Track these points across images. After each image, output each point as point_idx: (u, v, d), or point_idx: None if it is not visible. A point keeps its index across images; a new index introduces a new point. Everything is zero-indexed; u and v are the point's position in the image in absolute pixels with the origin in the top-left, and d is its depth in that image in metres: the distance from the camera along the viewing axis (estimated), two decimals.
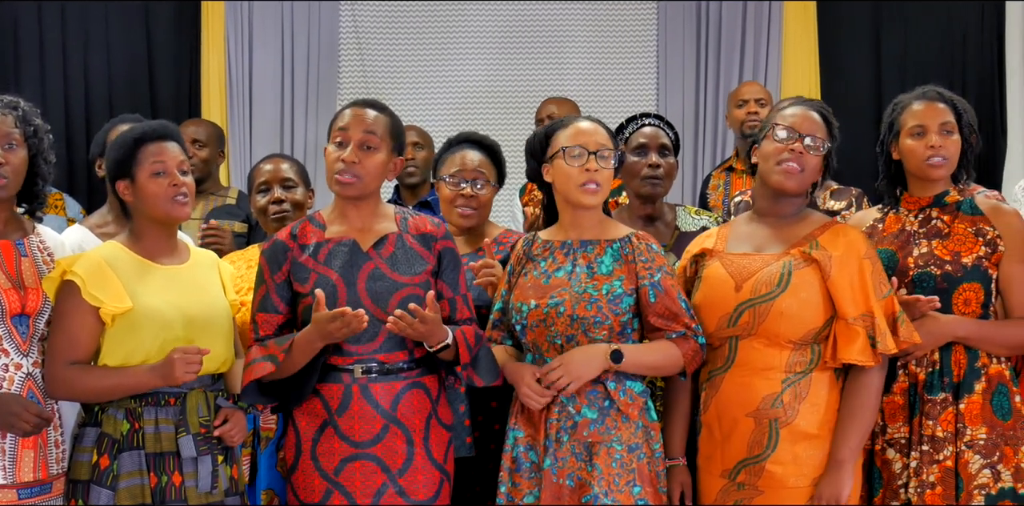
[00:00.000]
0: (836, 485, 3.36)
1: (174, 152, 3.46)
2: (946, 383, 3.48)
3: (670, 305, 3.39)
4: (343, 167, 3.42)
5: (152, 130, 3.48)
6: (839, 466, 3.37)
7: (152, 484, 3.31)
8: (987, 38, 7.62)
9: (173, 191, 3.41)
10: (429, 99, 7.54)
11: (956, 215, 3.60)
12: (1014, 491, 3.44)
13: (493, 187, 4.09)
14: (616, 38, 7.66)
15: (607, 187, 3.46)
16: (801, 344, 3.39)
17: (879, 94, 7.50)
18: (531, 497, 3.39)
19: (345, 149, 3.43)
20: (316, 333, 3.28)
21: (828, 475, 3.37)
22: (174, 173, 3.43)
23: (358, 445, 3.37)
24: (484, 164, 4.08)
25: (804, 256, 3.42)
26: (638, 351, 3.39)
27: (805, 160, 3.46)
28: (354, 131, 3.45)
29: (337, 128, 3.47)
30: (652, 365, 3.41)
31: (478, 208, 4.03)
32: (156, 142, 3.45)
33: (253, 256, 4.11)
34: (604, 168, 3.44)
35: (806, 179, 3.50)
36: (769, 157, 3.50)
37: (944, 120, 3.57)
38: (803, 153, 3.45)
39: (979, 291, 3.52)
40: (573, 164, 3.44)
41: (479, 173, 4.04)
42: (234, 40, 7.35)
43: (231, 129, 7.27)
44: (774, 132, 3.51)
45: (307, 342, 3.31)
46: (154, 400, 3.35)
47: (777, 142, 3.49)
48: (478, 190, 4.02)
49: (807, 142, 3.46)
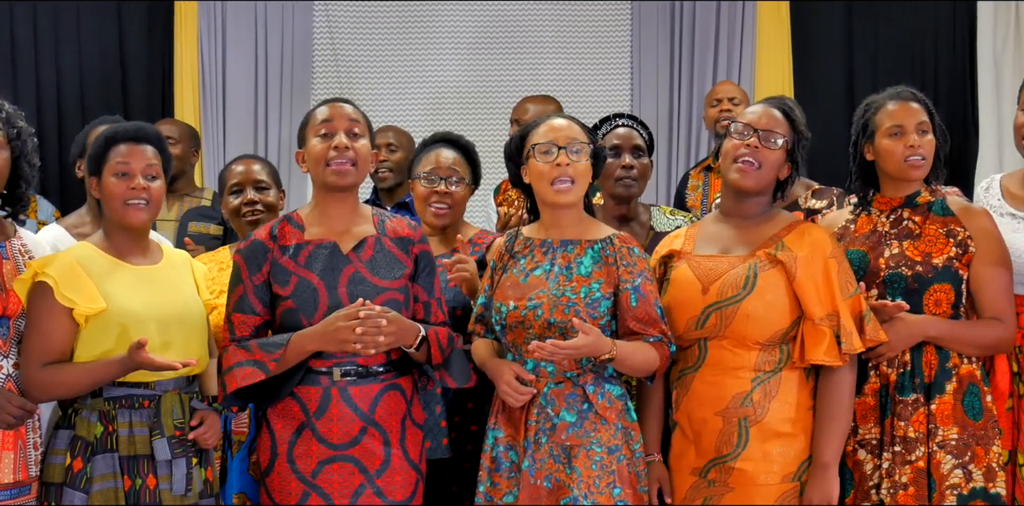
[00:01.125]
0: (825, 488, 3.38)
1: (144, 155, 3.45)
2: (917, 384, 3.50)
3: (650, 311, 3.39)
4: (336, 154, 3.42)
5: (125, 131, 3.48)
6: (825, 469, 3.39)
7: (126, 487, 3.31)
8: (959, 37, 7.65)
9: (131, 194, 3.40)
10: (403, 99, 7.53)
11: (927, 216, 3.61)
12: (985, 491, 3.45)
13: (468, 186, 4.09)
14: (590, 38, 7.66)
15: (583, 182, 3.45)
16: (769, 345, 3.40)
17: (852, 94, 7.52)
18: (510, 497, 3.39)
19: (332, 139, 3.43)
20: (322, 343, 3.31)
21: (815, 479, 3.39)
22: (136, 176, 3.41)
23: (336, 447, 3.37)
24: (458, 162, 4.08)
25: (769, 258, 3.43)
26: (628, 347, 3.36)
27: (761, 155, 3.47)
28: (339, 121, 3.46)
29: (320, 122, 3.47)
30: (638, 364, 3.39)
31: (452, 206, 4.03)
32: (128, 143, 3.44)
33: (224, 258, 4.11)
34: (576, 162, 3.43)
35: (764, 176, 3.50)
36: (727, 155, 3.52)
37: (920, 120, 3.58)
38: (758, 147, 3.46)
39: (950, 292, 3.53)
40: (544, 161, 3.44)
41: (453, 171, 4.05)
42: (207, 40, 7.32)
43: (204, 129, 7.24)
44: (731, 130, 3.53)
45: (301, 352, 3.33)
46: (128, 402, 3.35)
47: (734, 139, 3.50)
48: (452, 187, 4.02)
49: (763, 137, 3.47)
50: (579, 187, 3.45)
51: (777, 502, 3.38)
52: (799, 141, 3.56)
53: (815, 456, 3.40)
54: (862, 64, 7.67)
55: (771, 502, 3.38)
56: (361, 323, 3.23)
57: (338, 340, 3.26)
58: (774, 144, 3.48)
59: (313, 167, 3.48)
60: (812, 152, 3.63)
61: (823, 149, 6.48)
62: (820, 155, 6.48)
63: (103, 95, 7.12)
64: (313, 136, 3.47)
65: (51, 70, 7.10)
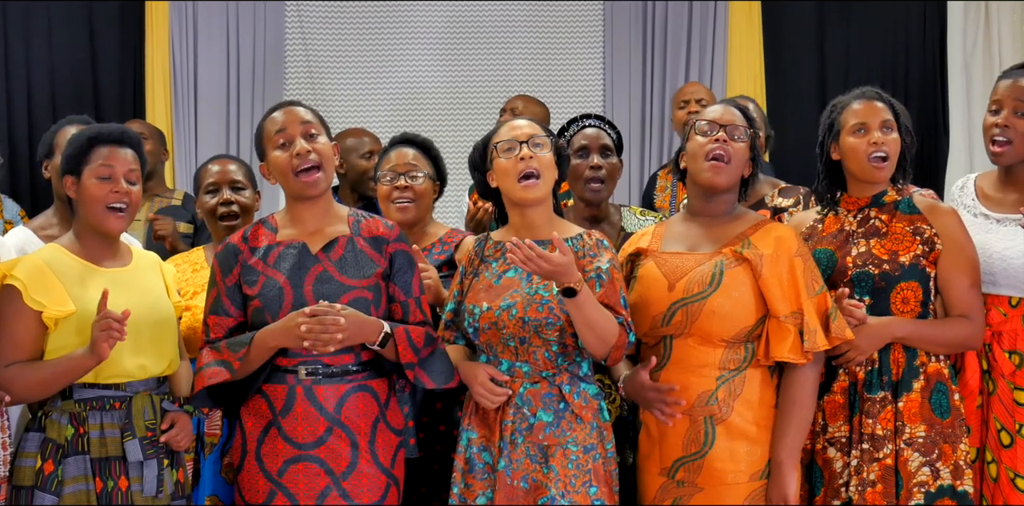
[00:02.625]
0: (780, 486, 3.39)
1: (126, 159, 3.44)
2: (885, 382, 3.51)
3: (612, 295, 3.37)
4: (299, 161, 3.42)
5: (109, 133, 3.46)
6: (779, 467, 3.40)
7: (97, 489, 3.30)
8: (929, 38, 7.70)
9: (114, 197, 3.39)
10: (375, 99, 7.53)
11: (894, 214, 3.63)
12: (952, 488, 3.47)
13: (429, 180, 4.09)
14: (563, 38, 7.68)
15: (548, 176, 3.45)
16: (734, 342, 3.41)
17: (823, 94, 7.55)
18: (484, 498, 3.39)
19: (292, 147, 3.43)
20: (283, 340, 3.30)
21: (772, 477, 3.40)
22: (120, 179, 3.40)
23: (301, 446, 3.37)
24: (416, 158, 4.10)
25: (736, 255, 3.44)
26: (593, 298, 3.31)
27: (731, 150, 3.48)
28: (293, 127, 3.46)
29: (275, 133, 3.48)
30: (596, 319, 3.29)
31: (415, 199, 4.03)
32: (111, 145, 3.42)
33: (198, 259, 4.10)
34: (539, 154, 3.43)
35: (734, 172, 3.51)
36: (696, 155, 3.52)
37: (884, 118, 3.60)
38: (727, 141, 3.48)
39: (917, 290, 3.55)
40: (507, 157, 3.45)
41: (411, 166, 4.07)
42: (178, 40, 7.30)
43: (176, 130, 7.23)
44: (695, 130, 3.54)
45: (265, 351, 3.33)
46: (99, 404, 3.34)
47: (699, 137, 3.51)
48: (412, 181, 4.03)
49: (729, 131, 3.49)
50: (545, 182, 3.44)
51: (746, 501, 3.39)
52: (756, 139, 3.58)
53: (771, 453, 3.41)
54: (833, 64, 7.71)
55: (740, 501, 3.39)
56: (308, 321, 3.23)
57: (296, 336, 3.26)
58: (740, 138, 3.50)
59: (282, 179, 3.48)
60: (783, 151, 3.65)
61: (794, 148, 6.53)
62: (791, 154, 6.54)
63: (74, 95, 7.11)
64: (272, 148, 3.48)
65: (21, 70, 7.08)
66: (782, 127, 4.43)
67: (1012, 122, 3.70)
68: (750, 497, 3.40)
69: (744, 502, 3.39)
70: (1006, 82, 3.77)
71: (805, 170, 5.27)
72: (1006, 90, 3.75)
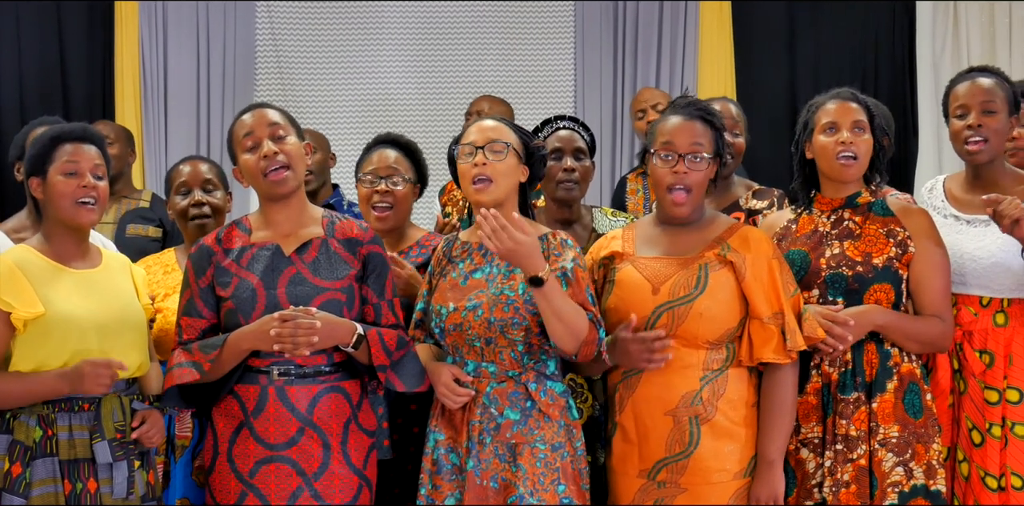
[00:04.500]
0: (771, 485, 3.41)
1: (90, 154, 3.42)
2: (859, 383, 3.53)
3: (578, 293, 3.36)
4: (267, 163, 3.42)
5: (71, 130, 3.45)
6: (770, 466, 3.42)
7: (66, 491, 3.27)
8: (898, 38, 7.73)
9: (82, 193, 3.37)
10: (347, 99, 7.51)
11: (868, 216, 3.64)
12: (926, 488, 3.49)
13: (410, 184, 4.07)
14: (534, 39, 7.67)
15: (503, 182, 3.42)
16: (717, 344, 3.42)
17: (793, 94, 7.59)
18: (452, 499, 3.39)
19: (260, 149, 3.43)
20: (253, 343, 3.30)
21: (761, 476, 3.42)
22: (86, 175, 3.39)
23: (273, 447, 3.36)
24: (399, 161, 4.07)
25: (720, 259, 3.45)
26: (561, 290, 3.28)
27: (691, 179, 3.47)
28: (260, 130, 3.46)
29: (243, 136, 3.48)
30: (565, 310, 3.26)
31: (394, 204, 4.01)
32: (74, 143, 3.41)
33: (169, 260, 4.08)
34: (495, 161, 3.41)
35: (696, 197, 3.51)
36: (659, 184, 3.51)
37: (856, 118, 3.61)
38: (687, 172, 3.46)
39: (890, 292, 3.56)
40: (464, 161, 3.45)
41: (393, 170, 4.03)
42: (148, 41, 7.27)
43: (146, 130, 7.20)
44: (655, 156, 3.51)
45: (236, 354, 3.32)
46: (67, 406, 3.31)
47: (659, 164, 3.50)
48: (393, 186, 4.01)
49: (688, 160, 3.46)
50: (498, 186, 3.42)
51: (731, 499, 3.40)
52: (722, 138, 3.57)
53: (760, 453, 3.43)
54: (803, 64, 7.73)
55: (725, 499, 3.40)
56: (279, 326, 3.23)
57: (269, 340, 3.26)
58: (700, 164, 3.48)
59: (253, 181, 3.48)
60: (753, 151, 3.64)
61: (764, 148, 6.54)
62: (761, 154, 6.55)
63: (43, 96, 7.06)
64: (242, 152, 3.48)
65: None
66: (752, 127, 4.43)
67: (983, 121, 3.75)
68: (734, 496, 3.41)
69: (729, 501, 3.40)
70: (964, 85, 3.82)
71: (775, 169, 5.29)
72: (968, 92, 3.80)
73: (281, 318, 3.24)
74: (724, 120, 3.65)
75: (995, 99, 3.76)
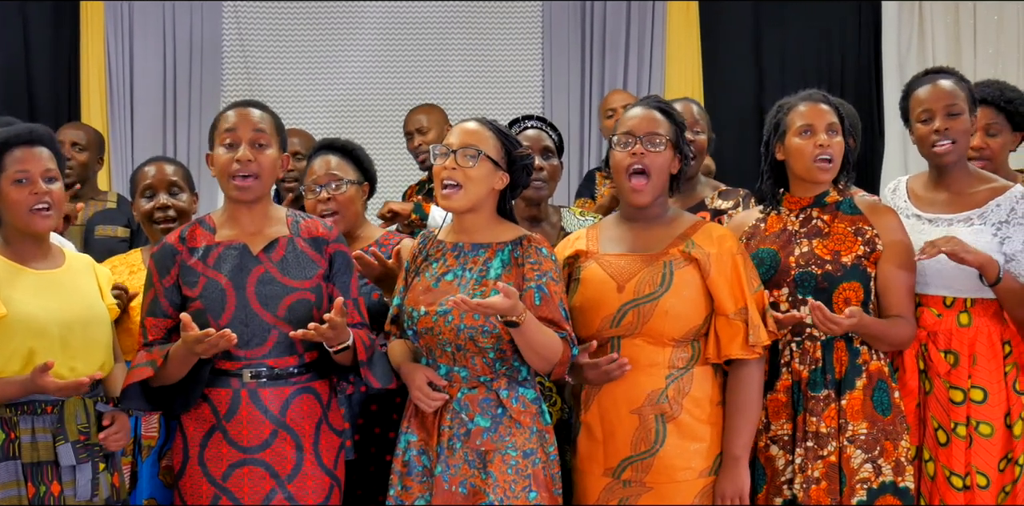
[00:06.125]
0: (737, 482, 3.42)
1: (41, 158, 3.37)
2: (828, 380, 3.54)
3: (553, 310, 3.35)
4: (239, 167, 3.39)
5: (18, 135, 3.39)
6: (736, 462, 3.42)
7: (30, 494, 3.25)
8: (864, 38, 7.77)
9: (34, 199, 3.33)
10: (314, 100, 7.49)
11: (836, 215, 3.66)
12: (894, 484, 3.51)
13: (355, 186, 4.04)
14: (501, 39, 7.68)
15: (473, 189, 3.38)
16: (682, 341, 3.42)
17: (761, 93, 7.61)
18: (422, 501, 3.37)
19: (237, 150, 3.40)
20: (186, 350, 3.25)
21: (727, 472, 3.42)
22: (37, 181, 3.34)
23: (246, 450, 3.35)
24: (339, 166, 4.04)
25: (684, 255, 3.45)
26: (536, 323, 3.27)
27: (649, 160, 3.47)
28: (243, 130, 3.42)
29: (224, 130, 3.44)
30: (541, 343, 3.28)
31: (339, 210, 3.98)
32: (23, 147, 3.36)
33: (135, 261, 4.06)
34: (464, 166, 3.37)
35: (657, 185, 3.51)
36: (618, 169, 3.51)
37: (830, 121, 3.62)
38: (644, 153, 3.47)
39: (859, 290, 3.57)
40: (438, 162, 3.43)
41: (331, 176, 4.01)
42: (114, 41, 7.23)
43: (112, 131, 7.16)
44: (613, 143, 3.53)
45: (182, 354, 3.28)
46: (30, 408, 3.28)
47: (618, 150, 3.51)
48: (333, 191, 3.98)
49: (645, 141, 3.47)
50: (466, 193, 3.38)
51: (696, 497, 3.40)
52: (682, 133, 3.57)
53: (726, 449, 3.43)
54: (770, 64, 7.76)
55: (691, 498, 3.40)
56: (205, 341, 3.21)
57: (196, 351, 3.23)
58: (658, 146, 3.49)
59: (219, 177, 3.46)
60: (720, 150, 3.65)
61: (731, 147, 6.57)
62: (728, 154, 6.57)
63: (7, 97, 7.00)
64: (219, 144, 3.45)
65: None
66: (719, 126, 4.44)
67: (949, 124, 3.76)
68: (700, 494, 3.41)
69: (694, 499, 3.41)
70: (926, 88, 3.83)
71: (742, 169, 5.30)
72: (931, 96, 3.81)
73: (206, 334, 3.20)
74: (685, 118, 3.67)
75: (958, 101, 3.78)
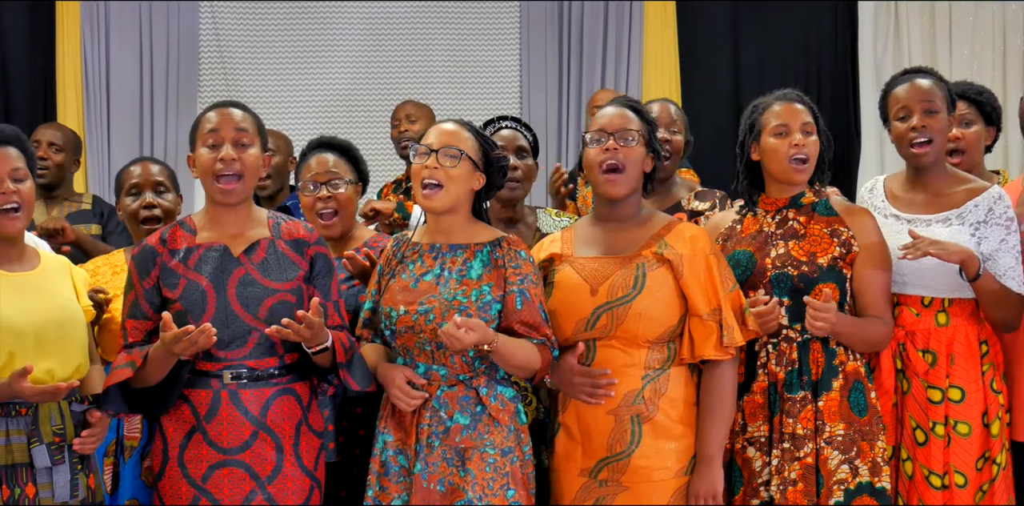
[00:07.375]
0: (710, 481, 3.42)
1: (8, 158, 3.36)
2: (805, 381, 3.55)
3: (534, 314, 3.37)
4: (222, 167, 3.38)
5: None
6: (710, 462, 3.43)
7: (4, 497, 3.24)
8: (841, 39, 7.80)
9: (2, 200, 3.32)
10: (292, 101, 7.49)
11: (812, 216, 3.67)
12: (871, 485, 3.51)
13: (352, 185, 4.04)
14: (479, 39, 7.69)
15: (453, 189, 3.40)
16: (658, 343, 3.43)
17: (738, 93, 7.64)
18: (399, 501, 3.37)
19: (220, 150, 3.39)
20: (165, 351, 3.24)
21: (700, 472, 3.43)
22: (5, 180, 3.33)
23: (226, 451, 3.34)
24: (338, 164, 4.03)
25: (657, 257, 3.45)
26: (511, 343, 3.32)
27: (622, 155, 3.48)
28: (226, 130, 3.42)
29: (206, 131, 3.43)
30: (518, 361, 3.34)
31: (338, 209, 3.98)
32: None
33: (118, 261, 4.05)
34: (448, 166, 3.38)
35: (631, 178, 3.51)
36: (591, 166, 3.52)
37: (805, 120, 3.63)
38: (617, 149, 3.47)
39: (835, 291, 3.57)
40: (417, 162, 3.43)
41: (332, 174, 4.00)
42: (90, 41, 7.21)
43: (88, 132, 7.14)
44: (587, 140, 3.54)
45: (161, 355, 3.27)
46: (4, 411, 3.27)
47: (591, 147, 3.52)
48: (335, 190, 3.98)
49: (618, 137, 3.48)
50: (447, 193, 3.39)
51: (672, 497, 3.41)
52: (654, 132, 3.58)
53: (700, 449, 3.44)
54: (748, 64, 7.79)
55: (667, 498, 3.41)
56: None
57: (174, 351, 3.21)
58: (631, 141, 3.49)
59: (202, 178, 3.45)
60: (697, 151, 3.65)
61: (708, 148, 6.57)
62: (705, 154, 6.58)
63: None
64: (201, 145, 3.44)
65: None
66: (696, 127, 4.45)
67: (926, 122, 3.77)
68: (675, 494, 3.42)
69: (670, 499, 3.41)
70: (904, 87, 3.83)
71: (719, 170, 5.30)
72: (909, 95, 3.81)
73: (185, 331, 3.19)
74: (661, 118, 3.67)
75: (935, 99, 3.78)
